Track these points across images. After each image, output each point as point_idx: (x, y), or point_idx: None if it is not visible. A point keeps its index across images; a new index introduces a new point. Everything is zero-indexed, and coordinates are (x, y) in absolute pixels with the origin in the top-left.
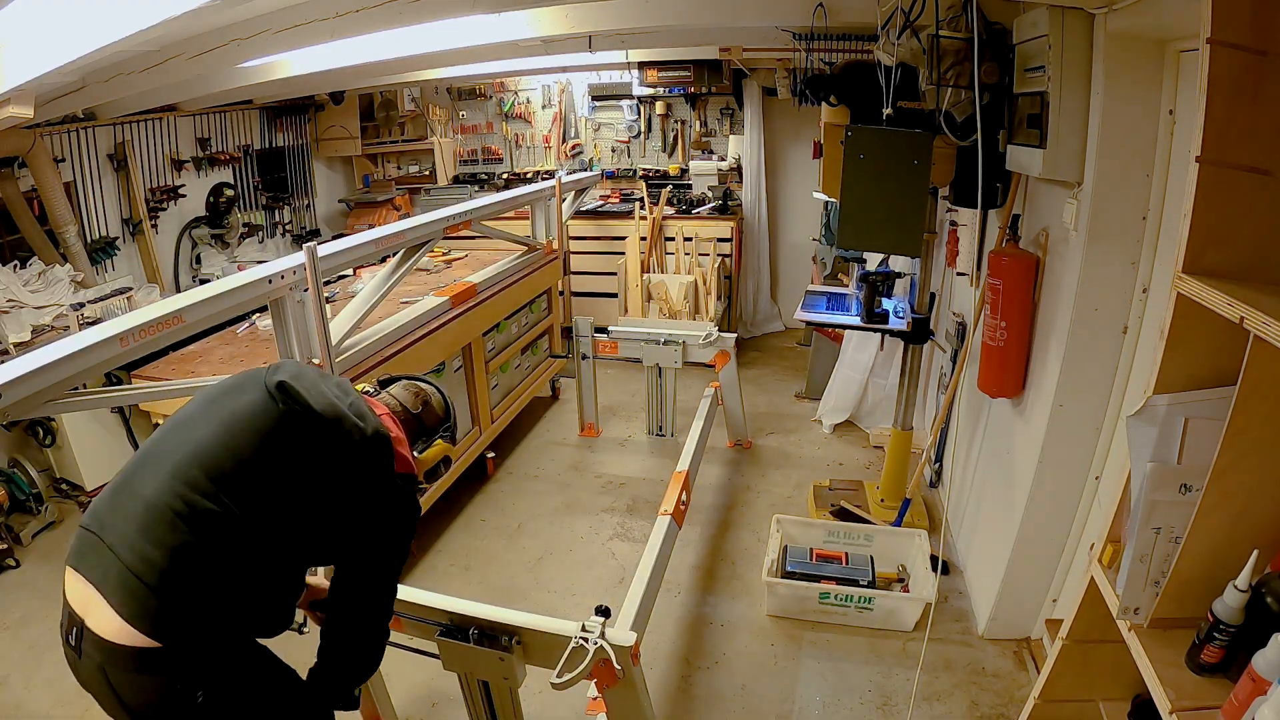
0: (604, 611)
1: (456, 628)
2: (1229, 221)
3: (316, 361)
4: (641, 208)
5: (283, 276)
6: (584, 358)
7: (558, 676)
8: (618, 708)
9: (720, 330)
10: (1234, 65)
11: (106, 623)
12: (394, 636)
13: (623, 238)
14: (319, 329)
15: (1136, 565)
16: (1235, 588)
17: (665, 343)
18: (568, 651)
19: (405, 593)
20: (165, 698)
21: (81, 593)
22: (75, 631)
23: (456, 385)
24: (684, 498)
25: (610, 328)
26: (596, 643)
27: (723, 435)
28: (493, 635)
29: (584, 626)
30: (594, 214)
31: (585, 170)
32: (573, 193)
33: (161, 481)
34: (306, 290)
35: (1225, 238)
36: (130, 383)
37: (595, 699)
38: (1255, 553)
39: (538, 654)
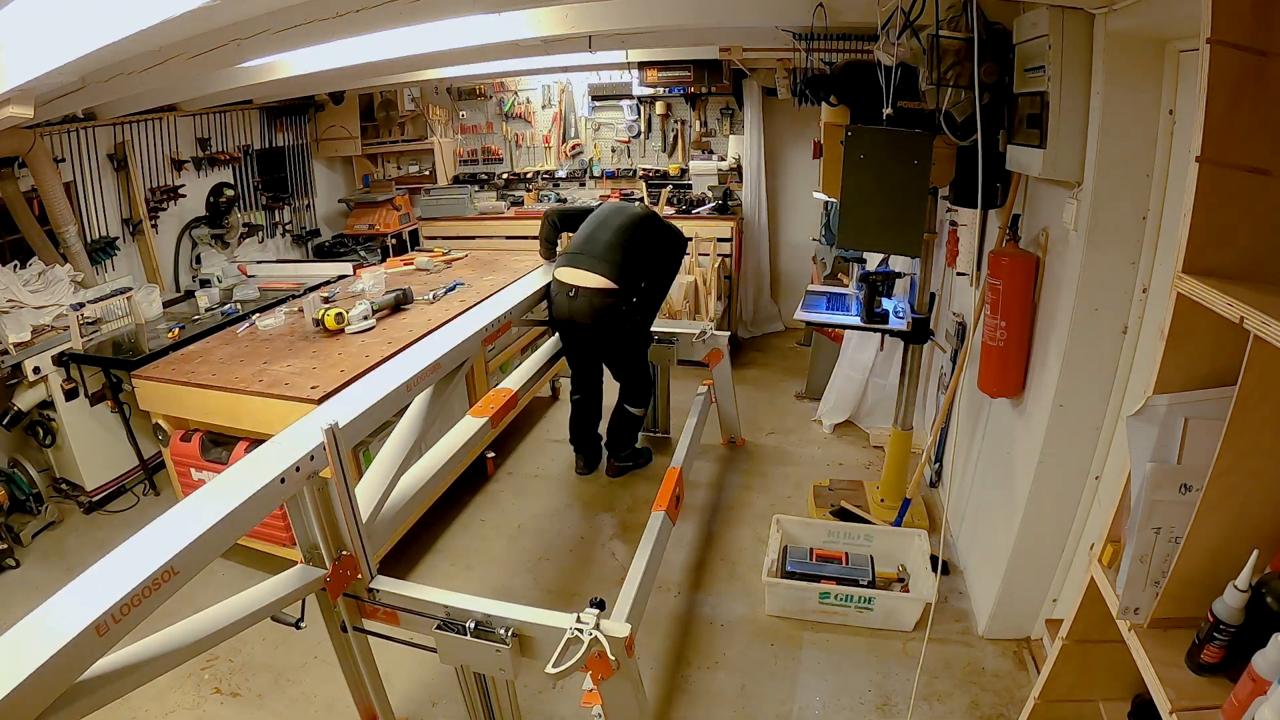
0: (599, 604)
1: (453, 621)
2: (1229, 221)
3: (347, 554)
4: None
5: (297, 469)
6: None
7: (553, 667)
8: (613, 700)
9: (720, 330)
10: (1234, 65)
11: (595, 281)
12: (392, 631)
13: None
14: (349, 518)
15: (1136, 565)
16: (1235, 588)
17: (659, 341)
18: (563, 642)
19: (403, 588)
20: (615, 305)
21: (577, 274)
22: (574, 290)
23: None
24: (677, 493)
25: None
26: (591, 634)
27: (720, 434)
28: (489, 628)
29: (579, 618)
30: None
31: (585, 170)
32: None
33: (608, 236)
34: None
35: (1225, 238)
36: (131, 384)
37: (591, 691)
38: (1255, 553)
39: (534, 647)
